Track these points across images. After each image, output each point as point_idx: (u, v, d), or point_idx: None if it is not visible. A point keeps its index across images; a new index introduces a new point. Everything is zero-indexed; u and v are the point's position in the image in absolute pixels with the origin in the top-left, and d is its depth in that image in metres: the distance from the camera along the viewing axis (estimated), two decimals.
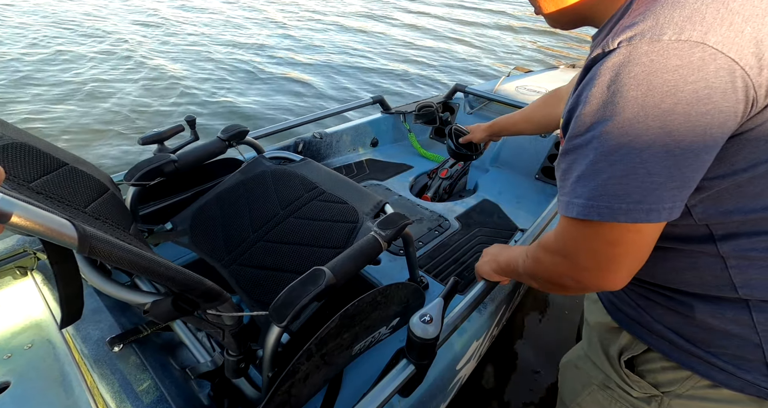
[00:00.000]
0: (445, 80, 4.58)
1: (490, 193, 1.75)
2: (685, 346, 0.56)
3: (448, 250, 1.32)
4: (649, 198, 0.41)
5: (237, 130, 1.19)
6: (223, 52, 4.85)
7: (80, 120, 3.18)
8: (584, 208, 0.44)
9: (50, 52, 4.36)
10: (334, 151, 1.88)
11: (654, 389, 0.62)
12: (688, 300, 0.54)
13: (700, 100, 0.38)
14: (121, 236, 0.65)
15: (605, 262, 0.47)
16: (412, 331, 0.64)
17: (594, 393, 0.72)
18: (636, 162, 0.40)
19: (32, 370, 0.86)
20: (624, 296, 0.63)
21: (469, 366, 1.01)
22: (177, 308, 0.55)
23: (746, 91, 0.38)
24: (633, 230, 0.44)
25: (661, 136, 0.39)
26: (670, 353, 0.58)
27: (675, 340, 0.57)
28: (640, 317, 0.61)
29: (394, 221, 0.83)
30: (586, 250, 0.48)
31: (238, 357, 0.69)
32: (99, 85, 3.73)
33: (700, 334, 0.54)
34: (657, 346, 0.60)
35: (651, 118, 0.39)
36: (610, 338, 0.68)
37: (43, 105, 3.34)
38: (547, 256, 0.56)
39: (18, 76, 3.77)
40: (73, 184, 0.73)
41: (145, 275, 0.50)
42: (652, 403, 0.63)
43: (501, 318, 1.10)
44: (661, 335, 0.58)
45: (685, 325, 0.55)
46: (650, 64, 0.38)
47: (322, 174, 1.18)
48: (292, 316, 0.66)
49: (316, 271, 0.72)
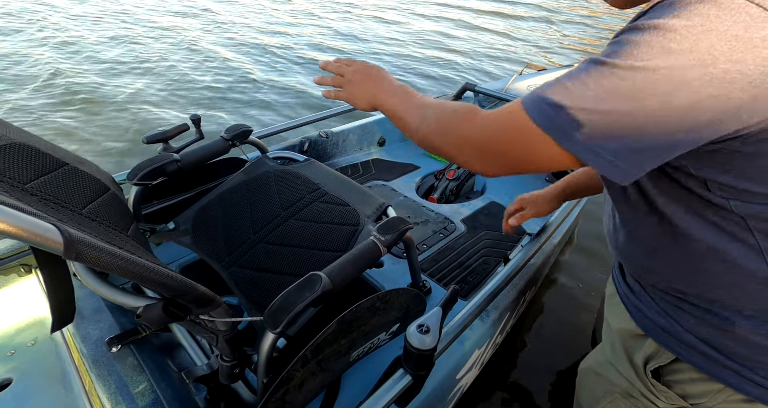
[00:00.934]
0: (462, 76, 4.54)
1: (498, 196, 1.72)
2: (719, 358, 0.53)
3: (453, 254, 1.30)
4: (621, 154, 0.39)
5: (240, 130, 1.19)
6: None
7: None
8: (550, 119, 0.41)
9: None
10: (341, 150, 1.86)
11: (682, 401, 0.59)
12: (726, 314, 0.50)
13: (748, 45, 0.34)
14: (116, 238, 0.64)
15: (509, 161, 0.47)
16: (409, 341, 0.62)
17: (616, 401, 0.69)
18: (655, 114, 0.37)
19: (34, 368, 0.86)
20: (652, 303, 0.59)
21: (471, 375, 0.99)
22: (168, 313, 0.55)
23: None
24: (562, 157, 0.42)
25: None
26: (701, 365, 0.55)
27: (707, 352, 0.54)
28: (669, 326, 0.57)
29: (395, 225, 0.81)
30: (508, 145, 0.46)
31: (232, 362, 0.68)
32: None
33: (736, 348, 0.51)
34: (687, 357, 0.56)
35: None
36: (635, 346, 0.64)
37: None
38: (462, 135, 0.51)
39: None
40: (73, 184, 0.72)
41: (134, 280, 0.50)
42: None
43: (505, 326, 1.07)
44: (691, 346, 0.55)
45: (720, 338, 0.52)
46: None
47: (326, 175, 1.17)
48: (287, 322, 0.64)
49: (312, 276, 0.71)
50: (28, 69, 3.80)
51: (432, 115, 0.57)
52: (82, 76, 3.73)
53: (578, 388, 0.80)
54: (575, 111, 0.39)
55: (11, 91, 3.41)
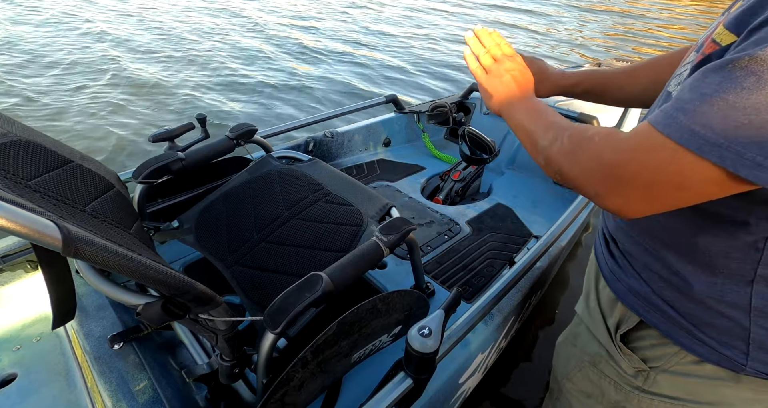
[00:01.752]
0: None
1: (505, 197, 1.70)
2: (677, 318, 0.56)
3: (457, 256, 1.29)
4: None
5: (245, 129, 1.19)
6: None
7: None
8: (696, 138, 0.37)
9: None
10: (346, 150, 1.86)
11: (643, 364, 0.63)
12: (691, 279, 0.53)
13: None
14: (118, 236, 0.64)
15: (651, 197, 0.42)
16: (410, 344, 0.61)
17: (585, 369, 0.73)
18: None
19: (38, 363, 0.87)
20: (628, 267, 0.62)
21: (474, 379, 0.97)
22: (167, 312, 0.54)
23: None
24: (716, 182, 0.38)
25: None
26: (659, 325, 0.59)
27: (668, 313, 0.57)
28: (640, 287, 0.60)
29: (397, 226, 0.81)
30: (648, 175, 0.41)
31: (231, 362, 0.68)
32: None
33: (694, 310, 0.54)
34: (649, 318, 0.60)
35: None
36: (607, 311, 0.68)
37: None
38: (593, 156, 0.46)
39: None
40: (76, 181, 0.73)
41: (133, 278, 0.49)
42: (639, 378, 0.64)
43: (510, 330, 1.06)
44: (655, 307, 0.59)
45: (682, 300, 0.55)
46: None
47: (329, 175, 1.16)
48: (287, 322, 0.64)
49: (313, 276, 0.70)
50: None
51: (566, 135, 0.51)
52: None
53: (554, 360, 0.84)
54: (736, 125, 0.35)
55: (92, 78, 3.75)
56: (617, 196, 0.45)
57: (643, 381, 0.64)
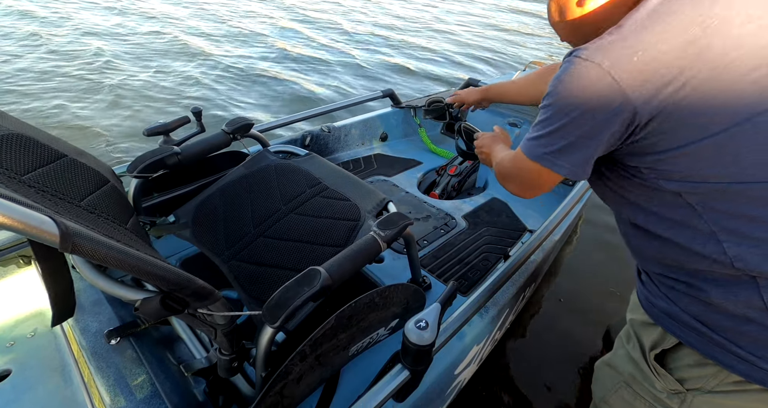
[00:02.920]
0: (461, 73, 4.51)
1: (500, 192, 1.71)
2: (708, 333, 0.58)
3: (453, 250, 1.30)
4: (559, 157, 0.60)
5: (242, 124, 1.18)
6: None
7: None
8: (538, 154, 0.63)
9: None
10: (342, 145, 1.86)
11: (678, 385, 0.64)
12: (703, 285, 0.57)
13: (592, 100, 0.55)
14: (114, 231, 0.64)
15: (528, 186, 0.71)
16: (407, 336, 0.62)
17: (621, 390, 0.75)
18: (558, 131, 0.59)
19: (33, 359, 0.86)
20: (656, 290, 0.66)
21: (470, 370, 0.99)
22: (166, 307, 0.54)
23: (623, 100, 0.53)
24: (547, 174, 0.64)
25: (570, 120, 0.57)
26: (696, 344, 0.61)
27: (699, 329, 0.59)
28: (670, 309, 0.63)
29: (395, 221, 0.81)
30: (525, 176, 0.69)
31: (230, 356, 0.68)
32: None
33: (722, 320, 0.57)
34: (685, 338, 0.62)
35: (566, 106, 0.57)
36: (644, 333, 0.71)
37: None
38: (509, 170, 0.75)
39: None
40: (71, 176, 0.72)
41: (132, 274, 0.49)
42: (675, 400, 0.65)
43: (504, 321, 1.07)
44: (688, 326, 0.61)
45: (707, 312, 0.58)
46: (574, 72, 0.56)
47: (327, 169, 1.16)
48: (285, 316, 0.64)
49: (311, 271, 0.70)
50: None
51: (498, 163, 0.82)
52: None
53: (593, 381, 0.86)
54: (537, 139, 0.62)
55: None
56: (521, 193, 0.74)
57: (680, 403, 0.65)
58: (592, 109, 0.54)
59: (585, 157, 0.59)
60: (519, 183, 0.72)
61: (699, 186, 0.55)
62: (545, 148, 0.61)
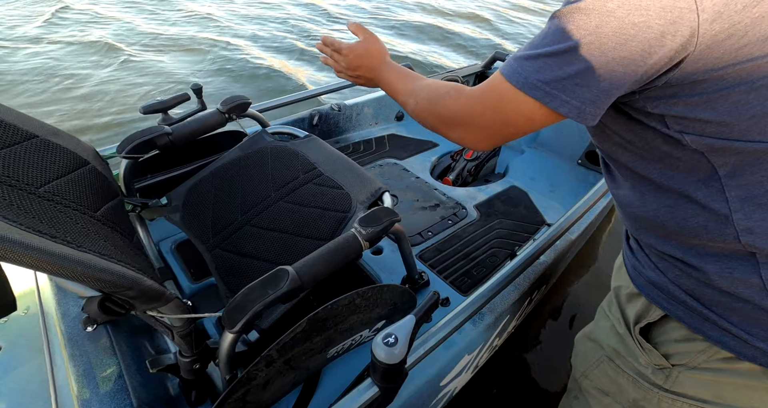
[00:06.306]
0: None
1: (521, 179, 1.58)
2: (699, 308, 0.54)
3: (459, 244, 1.21)
4: (566, 86, 0.44)
5: (237, 102, 1.12)
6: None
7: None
8: (531, 82, 0.46)
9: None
10: (354, 124, 1.77)
11: (664, 360, 0.60)
12: (698, 260, 0.52)
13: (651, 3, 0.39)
14: (69, 220, 0.60)
15: (492, 127, 0.52)
16: (373, 353, 0.55)
17: (603, 365, 0.71)
18: (577, 49, 0.43)
19: (23, 337, 0.87)
20: (646, 259, 0.61)
21: (461, 379, 0.92)
22: (105, 310, 0.50)
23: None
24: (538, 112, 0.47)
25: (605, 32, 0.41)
26: (684, 318, 0.56)
27: (689, 303, 0.55)
28: (659, 279, 0.58)
29: (379, 218, 0.73)
30: (491, 111, 0.51)
31: (191, 358, 0.64)
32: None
33: (714, 296, 0.52)
34: (672, 311, 0.57)
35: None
36: (629, 305, 0.66)
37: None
38: (451, 103, 0.57)
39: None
40: (37, 159, 0.68)
41: (57, 276, 0.45)
42: (659, 375, 0.61)
43: (505, 328, 0.98)
44: (677, 299, 0.56)
45: (700, 287, 0.53)
46: None
47: (325, 153, 1.08)
48: (245, 322, 0.59)
49: (279, 271, 0.64)
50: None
51: (424, 95, 0.62)
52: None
53: (573, 354, 0.81)
54: (533, 59, 0.46)
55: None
56: (471, 136, 0.56)
57: (664, 379, 0.61)
58: (645, 13, 0.39)
59: (608, 88, 0.43)
60: (475, 120, 0.53)
61: (733, 144, 0.44)
62: (545, 72, 0.44)
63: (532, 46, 0.47)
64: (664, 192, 0.52)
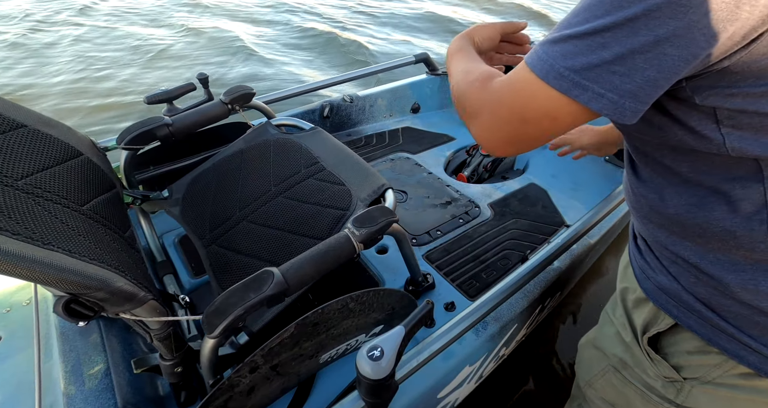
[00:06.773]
0: None
1: (541, 176, 1.49)
2: (714, 319, 0.49)
3: (469, 244, 1.14)
4: (601, 75, 0.36)
5: (240, 93, 1.08)
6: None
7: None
8: (558, 71, 0.38)
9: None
10: (367, 116, 1.71)
11: (674, 373, 0.55)
12: (717, 269, 0.47)
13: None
14: (47, 214, 0.57)
15: (513, 130, 0.43)
16: (357, 367, 0.51)
17: (608, 375, 0.66)
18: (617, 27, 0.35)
19: (23, 329, 0.87)
20: (656, 262, 0.55)
21: (463, 390, 0.86)
22: (69, 312, 0.47)
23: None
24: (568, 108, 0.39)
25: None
26: (697, 328, 0.51)
27: (704, 313, 0.50)
28: (670, 285, 0.53)
29: (374, 218, 0.68)
30: (510, 109, 0.43)
31: (172, 361, 0.61)
32: None
33: (733, 307, 0.47)
34: (684, 320, 0.52)
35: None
36: (636, 310, 0.61)
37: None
38: (482, 93, 0.47)
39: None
40: (22, 150, 0.67)
41: (14, 277, 0.42)
42: (670, 389, 0.57)
43: (512, 338, 0.92)
44: (690, 307, 0.51)
45: (717, 296, 0.48)
46: None
47: (329, 147, 1.04)
48: (224, 327, 0.55)
49: (264, 273, 0.61)
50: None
51: (458, 79, 0.53)
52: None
53: (577, 362, 0.77)
54: (561, 42, 0.38)
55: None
56: (490, 133, 0.46)
57: (676, 394, 0.56)
58: None
59: (655, 78, 0.35)
60: (491, 117, 0.44)
61: None
62: (575, 58, 0.36)
63: (562, 25, 0.38)
64: (691, 186, 0.46)
